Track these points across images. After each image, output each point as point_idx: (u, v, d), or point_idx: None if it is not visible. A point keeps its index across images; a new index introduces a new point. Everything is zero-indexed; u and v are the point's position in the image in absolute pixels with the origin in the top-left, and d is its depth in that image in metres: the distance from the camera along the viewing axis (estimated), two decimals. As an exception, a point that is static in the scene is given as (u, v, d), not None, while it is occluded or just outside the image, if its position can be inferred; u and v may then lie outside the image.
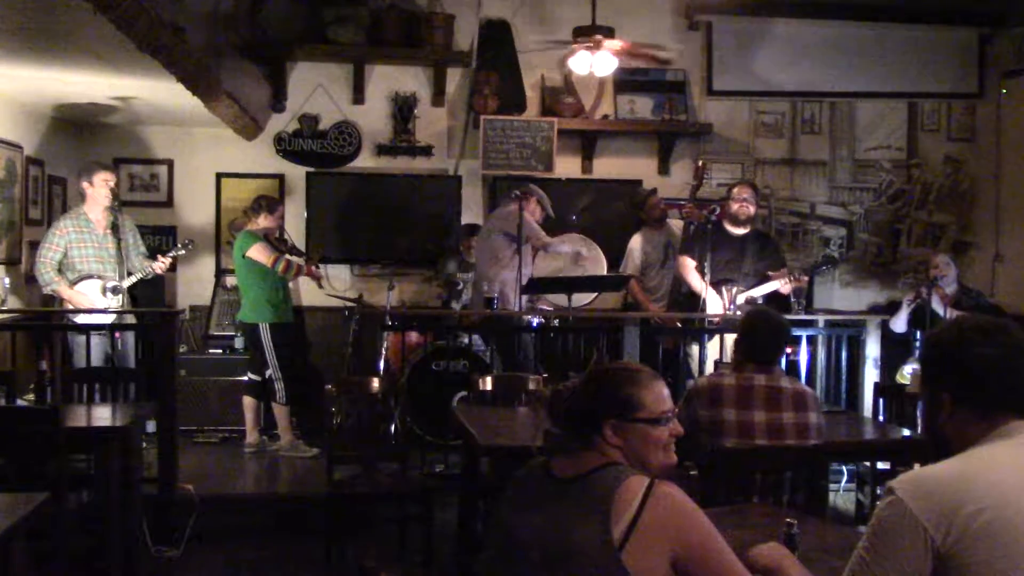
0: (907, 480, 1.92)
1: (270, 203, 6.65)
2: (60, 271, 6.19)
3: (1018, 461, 1.93)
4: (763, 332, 3.74)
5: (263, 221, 6.54)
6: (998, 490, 1.86)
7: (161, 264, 6.40)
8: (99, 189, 6.28)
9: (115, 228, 6.29)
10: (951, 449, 2.03)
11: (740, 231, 6.38)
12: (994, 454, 1.95)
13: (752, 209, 6.38)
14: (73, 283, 6.18)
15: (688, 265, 6.51)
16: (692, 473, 3.25)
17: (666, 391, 2.36)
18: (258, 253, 6.39)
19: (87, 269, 6.23)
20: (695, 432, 3.61)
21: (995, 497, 1.84)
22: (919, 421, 4.71)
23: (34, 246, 7.03)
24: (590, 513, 2.12)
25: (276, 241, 6.63)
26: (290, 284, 6.85)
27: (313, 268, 6.73)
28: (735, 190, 6.45)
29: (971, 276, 8.29)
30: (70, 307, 6.13)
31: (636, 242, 7.30)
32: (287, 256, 6.50)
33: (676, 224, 7.38)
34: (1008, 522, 1.83)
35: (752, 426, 3.57)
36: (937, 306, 6.27)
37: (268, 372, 6.49)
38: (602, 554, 2.07)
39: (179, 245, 6.79)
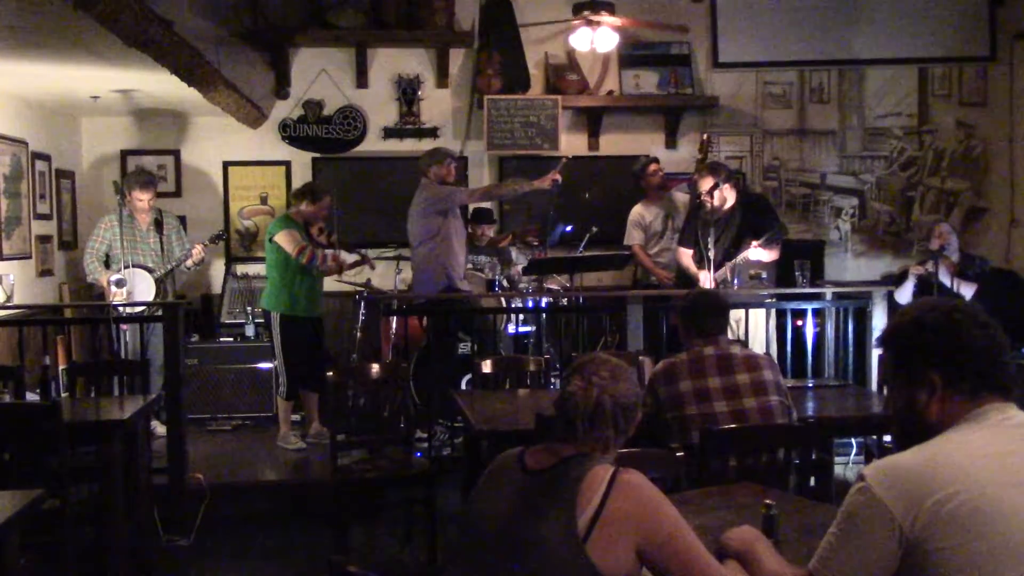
0: (877, 468, 1.94)
1: (314, 191, 6.49)
2: (108, 263, 6.62)
3: (989, 445, 1.92)
4: (703, 307, 3.91)
5: (305, 207, 6.38)
6: (969, 475, 1.86)
7: (197, 251, 6.70)
8: (135, 202, 6.68)
9: (158, 225, 6.80)
10: (926, 432, 2.01)
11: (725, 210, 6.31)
12: (965, 439, 1.94)
13: (723, 195, 6.17)
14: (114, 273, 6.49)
15: (684, 254, 6.56)
16: (679, 455, 3.23)
17: None
18: (284, 239, 6.22)
19: (127, 261, 6.44)
20: (660, 413, 3.72)
21: (966, 482, 1.84)
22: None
23: (43, 240, 7.14)
24: (556, 505, 2.13)
25: (317, 232, 6.44)
26: (322, 278, 6.56)
27: (338, 256, 6.47)
28: (699, 186, 6.21)
29: (986, 242, 8.21)
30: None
31: (635, 212, 7.23)
32: (317, 249, 6.29)
33: (679, 197, 7.33)
34: (979, 507, 1.83)
35: (708, 391, 3.68)
36: (944, 277, 6.19)
37: (275, 363, 6.49)
38: (567, 546, 2.08)
39: (213, 236, 6.97)
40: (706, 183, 6.14)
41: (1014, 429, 1.96)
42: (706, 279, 6.24)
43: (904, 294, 6.40)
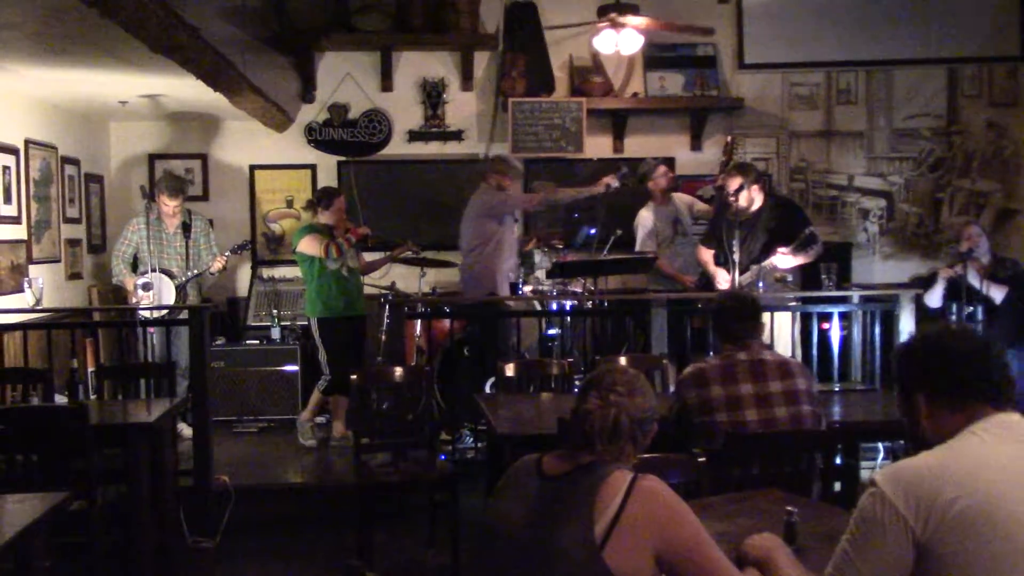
0: (888, 472, 1.96)
1: (326, 195, 6.47)
2: (135, 265, 6.69)
3: (994, 449, 1.95)
4: (732, 312, 3.82)
5: (323, 217, 6.40)
6: (973, 478, 1.88)
7: (218, 263, 6.71)
8: (161, 207, 6.72)
9: (186, 227, 6.80)
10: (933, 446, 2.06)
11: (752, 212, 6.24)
12: (971, 443, 1.97)
13: (750, 196, 6.09)
14: (140, 276, 6.60)
15: (705, 253, 6.51)
16: (701, 460, 3.21)
17: None
18: (306, 245, 6.27)
19: (154, 264, 6.54)
20: (687, 417, 3.67)
21: (970, 485, 1.87)
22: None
23: (72, 244, 7.22)
24: (573, 511, 2.12)
25: (344, 233, 6.40)
26: (358, 276, 6.59)
27: (358, 230, 6.49)
28: (731, 183, 6.08)
29: (1017, 243, 8.10)
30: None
31: (643, 219, 7.13)
32: (336, 241, 6.26)
33: (683, 199, 7.29)
34: (982, 510, 1.85)
35: (740, 399, 3.61)
36: (973, 279, 6.12)
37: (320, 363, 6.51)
38: (584, 552, 2.07)
39: (235, 247, 6.95)
40: (734, 183, 6.08)
41: (1022, 435, 1.98)
42: (723, 279, 6.21)
43: (934, 297, 6.32)
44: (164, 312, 6.36)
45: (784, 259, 6.00)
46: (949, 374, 2.04)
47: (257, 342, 7.36)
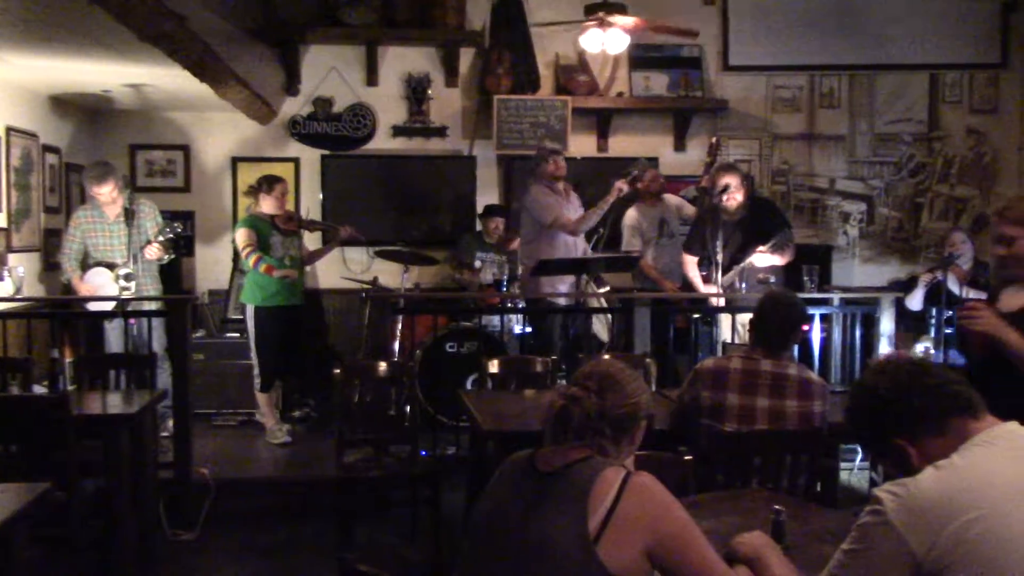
0: (893, 494, 1.91)
1: (267, 180, 6.48)
2: (84, 260, 6.35)
3: (1003, 465, 1.92)
4: (770, 318, 3.68)
5: (264, 204, 6.43)
6: (987, 497, 1.85)
7: (152, 251, 6.24)
8: (97, 197, 6.31)
9: (129, 215, 6.24)
10: None
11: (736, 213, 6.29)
12: (975, 458, 1.93)
13: (740, 195, 6.13)
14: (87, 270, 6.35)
15: (690, 262, 6.56)
16: (687, 458, 3.22)
17: None
18: (238, 238, 6.35)
19: (99, 257, 6.36)
20: (696, 414, 3.61)
21: (986, 504, 1.84)
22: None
23: (51, 234, 7.15)
24: (567, 507, 2.13)
25: (285, 221, 6.48)
26: (299, 266, 6.64)
27: (275, 270, 6.32)
28: (717, 183, 6.12)
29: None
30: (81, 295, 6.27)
31: (630, 218, 7.14)
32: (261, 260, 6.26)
33: (670, 199, 7.32)
34: (1003, 528, 1.82)
35: (754, 412, 3.54)
36: (953, 285, 6.19)
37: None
38: (578, 548, 2.08)
39: (167, 230, 6.30)
40: (723, 181, 6.11)
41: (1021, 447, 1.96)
42: (702, 288, 6.29)
43: (915, 301, 6.39)
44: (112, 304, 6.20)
45: (762, 258, 6.05)
46: (917, 409, 2.00)
47: (237, 335, 7.31)
